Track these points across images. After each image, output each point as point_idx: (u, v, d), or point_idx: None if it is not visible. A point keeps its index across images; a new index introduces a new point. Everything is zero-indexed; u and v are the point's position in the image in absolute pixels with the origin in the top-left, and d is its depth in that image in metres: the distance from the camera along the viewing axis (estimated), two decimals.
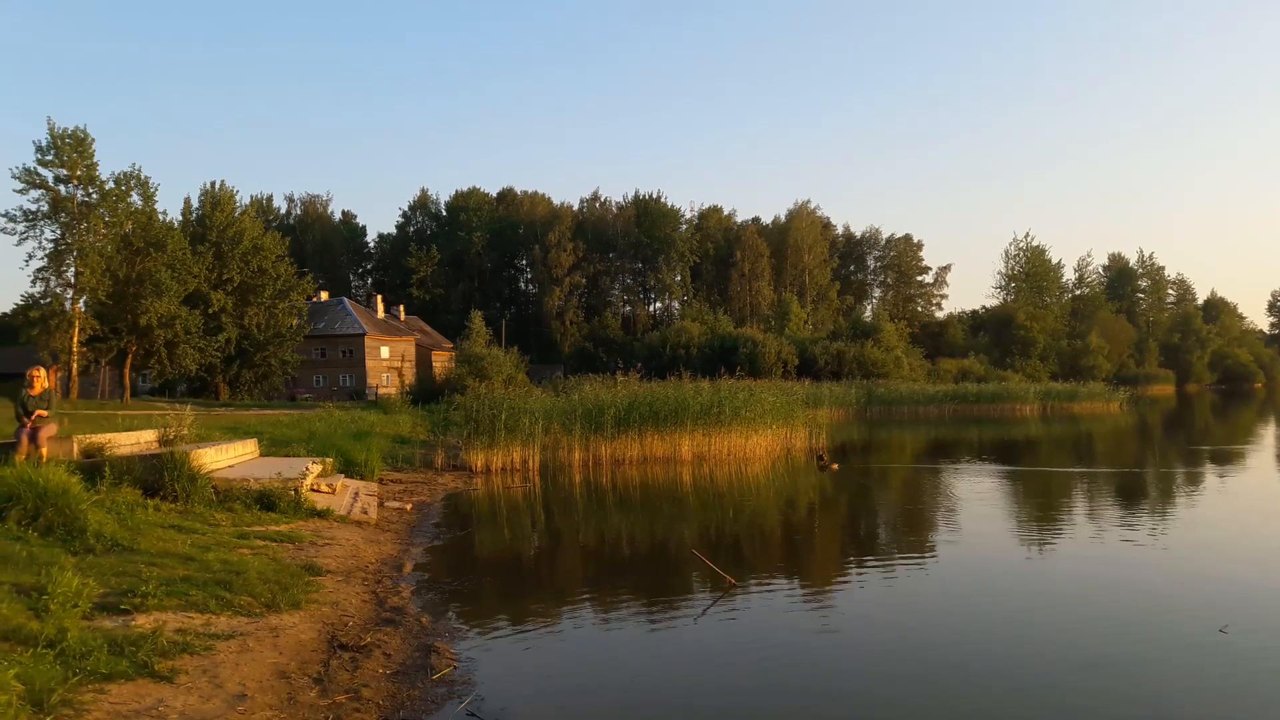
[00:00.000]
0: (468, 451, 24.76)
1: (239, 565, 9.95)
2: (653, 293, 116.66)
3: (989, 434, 42.92)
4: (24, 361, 65.42)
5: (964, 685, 7.52)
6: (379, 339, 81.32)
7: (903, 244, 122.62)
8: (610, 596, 11.10)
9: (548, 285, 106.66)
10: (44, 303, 51.54)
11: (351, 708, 6.57)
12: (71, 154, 50.64)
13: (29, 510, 10.37)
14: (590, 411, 25.81)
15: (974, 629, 9.24)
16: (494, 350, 57.23)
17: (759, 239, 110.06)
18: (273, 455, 19.33)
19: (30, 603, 7.51)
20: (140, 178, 54.64)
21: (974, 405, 62.48)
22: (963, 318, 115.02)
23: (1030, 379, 77.91)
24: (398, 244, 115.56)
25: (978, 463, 28.93)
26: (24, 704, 5.54)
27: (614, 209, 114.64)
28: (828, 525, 17.10)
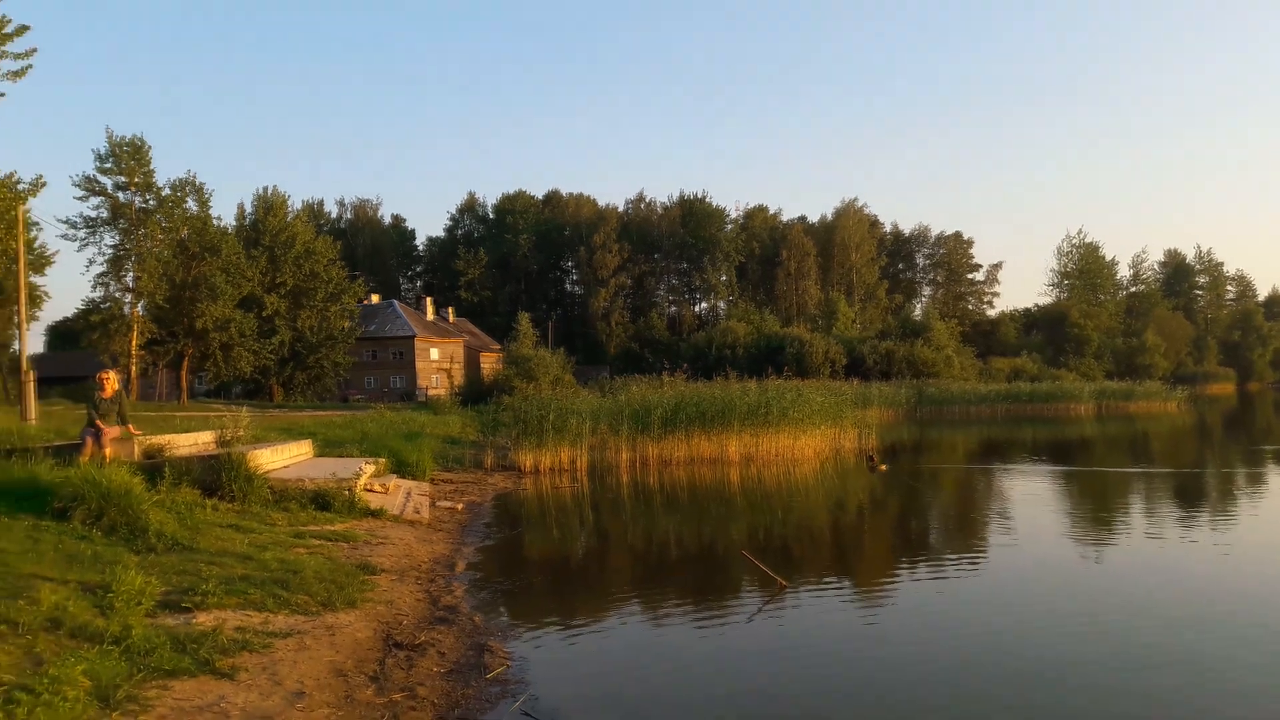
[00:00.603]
0: (516, 452, 24.93)
1: (296, 564, 10.12)
2: (698, 293, 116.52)
3: (1043, 434, 42.22)
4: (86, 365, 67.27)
5: (1016, 692, 7.40)
6: (429, 341, 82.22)
7: (952, 241, 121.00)
8: (660, 597, 11.10)
9: (593, 286, 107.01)
10: (104, 307, 52.91)
11: (407, 706, 6.64)
12: (129, 161, 51.93)
13: (93, 510, 10.64)
14: (637, 412, 25.84)
15: (1027, 634, 9.07)
16: (541, 351, 57.52)
17: (805, 238, 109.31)
18: (327, 456, 19.63)
19: (96, 600, 7.71)
20: (195, 184, 55.88)
21: (1027, 405, 61.45)
22: (1015, 316, 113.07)
23: (1085, 378, 76.47)
24: (446, 247, 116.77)
25: (1031, 463, 28.47)
26: (91, 699, 5.69)
27: (659, 209, 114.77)
28: (878, 527, 16.94)
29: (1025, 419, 54.32)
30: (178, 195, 54.54)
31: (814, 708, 7.10)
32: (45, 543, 9.66)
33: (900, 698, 7.30)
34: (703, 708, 7.14)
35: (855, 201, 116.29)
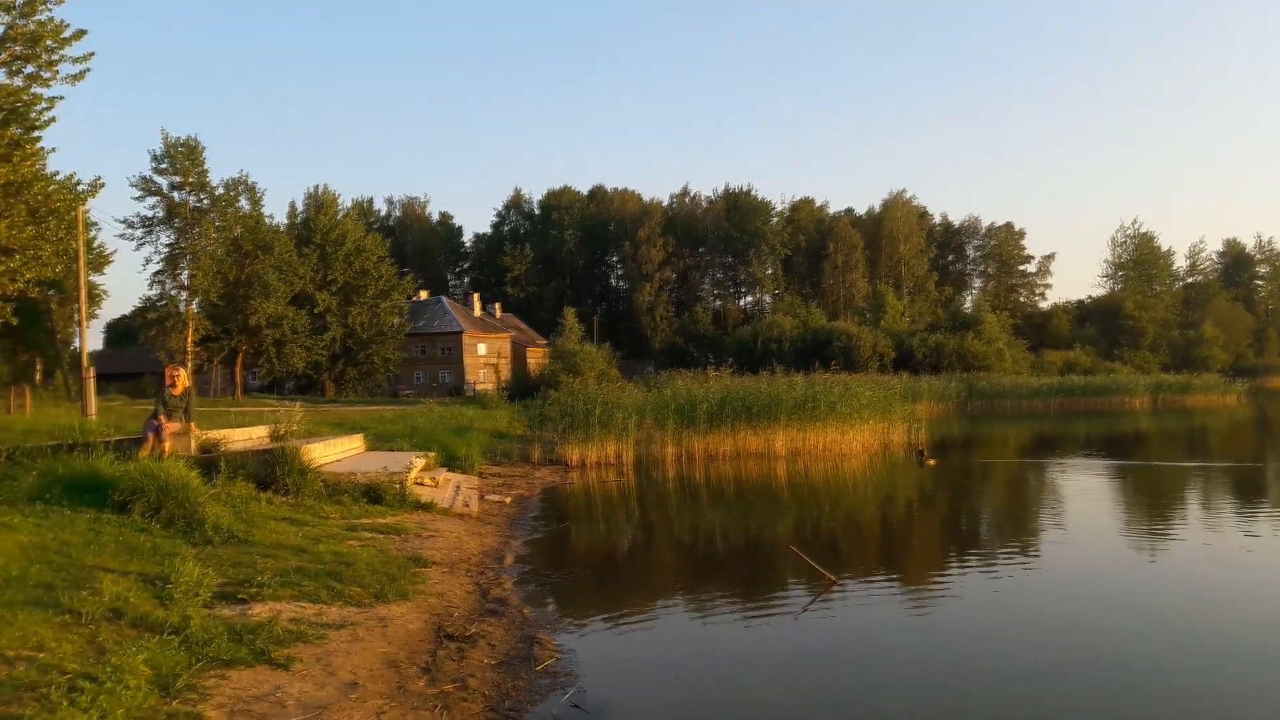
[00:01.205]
0: (563, 446, 25.06)
1: (348, 557, 10.27)
2: (743, 287, 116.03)
3: (1097, 428, 41.45)
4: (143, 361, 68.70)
5: (1066, 690, 7.25)
6: (476, 336, 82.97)
7: (1004, 232, 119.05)
8: (707, 591, 11.09)
9: (638, 281, 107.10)
10: (160, 305, 54.19)
11: (459, 697, 6.70)
12: (184, 162, 53.10)
13: (152, 503, 10.89)
14: (682, 406, 25.83)
15: (1079, 632, 8.88)
16: (586, 346, 57.74)
17: (852, 230, 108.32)
18: (378, 450, 19.91)
19: (155, 591, 7.89)
20: (248, 183, 57.04)
21: (1080, 398, 60.38)
22: (1068, 308, 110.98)
23: (1140, 371, 74.93)
24: (493, 243, 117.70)
25: (1085, 457, 27.96)
26: (152, 688, 5.82)
27: (704, 203, 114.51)
28: (928, 522, 16.75)
29: (1079, 413, 53.39)
30: (231, 195, 55.69)
31: (863, 704, 7.04)
32: (106, 535, 9.91)
33: (949, 695, 7.20)
34: (752, 703, 7.11)
35: (904, 193, 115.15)
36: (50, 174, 32.46)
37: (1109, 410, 55.53)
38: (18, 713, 5.03)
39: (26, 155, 29.53)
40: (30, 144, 30.01)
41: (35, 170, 30.45)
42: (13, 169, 28.73)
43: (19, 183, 29.27)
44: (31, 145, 30.09)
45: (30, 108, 30.22)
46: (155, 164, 53.13)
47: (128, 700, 5.45)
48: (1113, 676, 7.50)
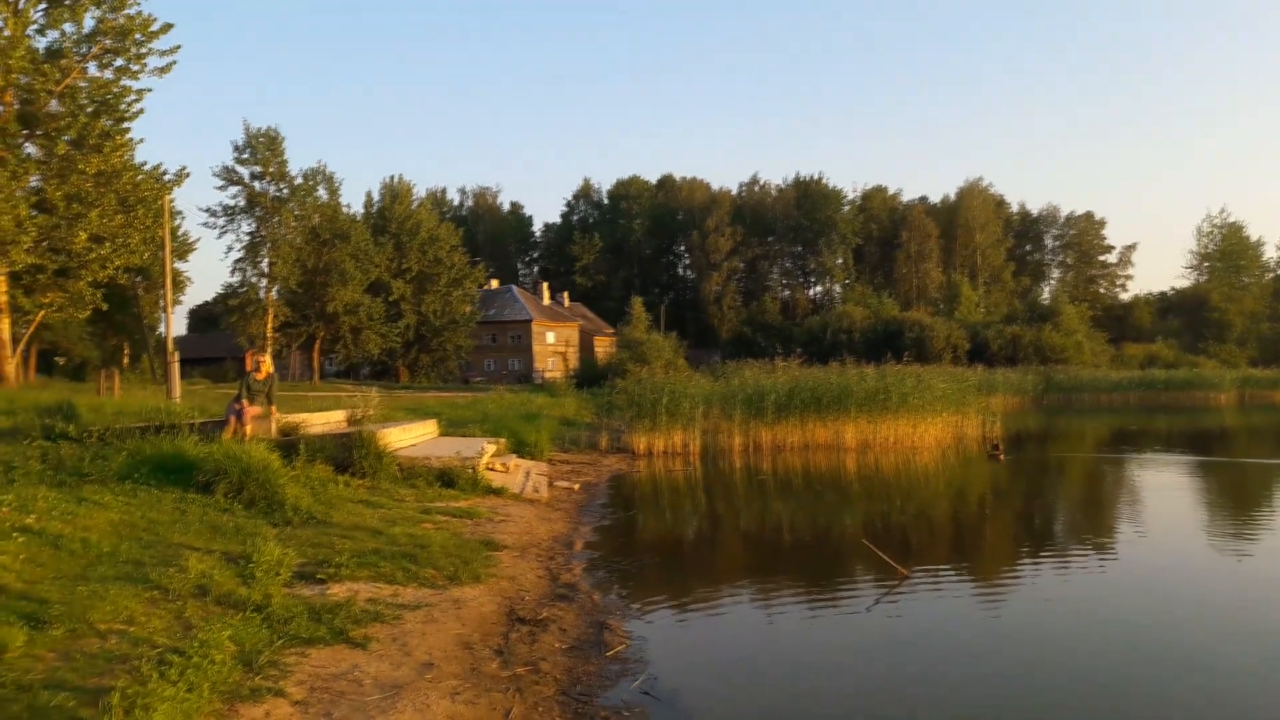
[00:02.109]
0: (630, 434, 25.14)
1: (423, 539, 10.45)
2: (813, 276, 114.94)
3: (1179, 423, 40.10)
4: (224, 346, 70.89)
5: (1140, 693, 7.04)
6: (545, 325, 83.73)
7: (1084, 222, 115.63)
8: (775, 582, 11.02)
9: (706, 270, 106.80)
10: (241, 291, 55.78)
11: (531, 680, 6.78)
12: (264, 152, 54.49)
13: (234, 484, 11.24)
14: (750, 397, 25.66)
15: (1155, 634, 8.59)
16: (653, 335, 57.85)
17: (927, 218, 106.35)
18: (451, 435, 20.22)
19: (238, 570, 8.14)
20: (326, 173, 58.37)
21: (1162, 393, 58.47)
22: (1150, 300, 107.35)
23: (1226, 365, 72.18)
24: (562, 232, 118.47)
25: (1166, 453, 27.08)
26: (236, 663, 6.00)
27: (773, 192, 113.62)
28: (1002, 518, 16.38)
29: (1160, 408, 51.74)
30: (309, 184, 57.03)
31: (934, 699, 6.92)
32: (191, 514, 10.25)
33: (1021, 694, 7.04)
34: (822, 695, 7.05)
35: (980, 181, 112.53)
36: (138, 164, 33.64)
37: (1192, 405, 53.68)
38: (110, 684, 5.23)
39: (116, 146, 30.65)
40: (120, 135, 31.13)
41: (124, 161, 31.59)
42: (104, 159, 29.84)
43: (109, 173, 30.40)
44: (121, 136, 31.22)
45: (120, 100, 31.34)
46: (237, 154, 54.69)
47: (213, 675, 5.63)
48: (1192, 682, 7.26)
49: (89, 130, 29.17)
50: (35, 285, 31.13)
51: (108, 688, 5.13)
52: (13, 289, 30.50)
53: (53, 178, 29.60)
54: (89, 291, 32.07)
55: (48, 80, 28.82)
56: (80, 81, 30.77)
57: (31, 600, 6.59)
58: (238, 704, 5.50)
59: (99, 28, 30.54)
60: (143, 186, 32.71)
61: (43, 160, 29.76)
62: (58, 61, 29.70)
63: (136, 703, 4.90)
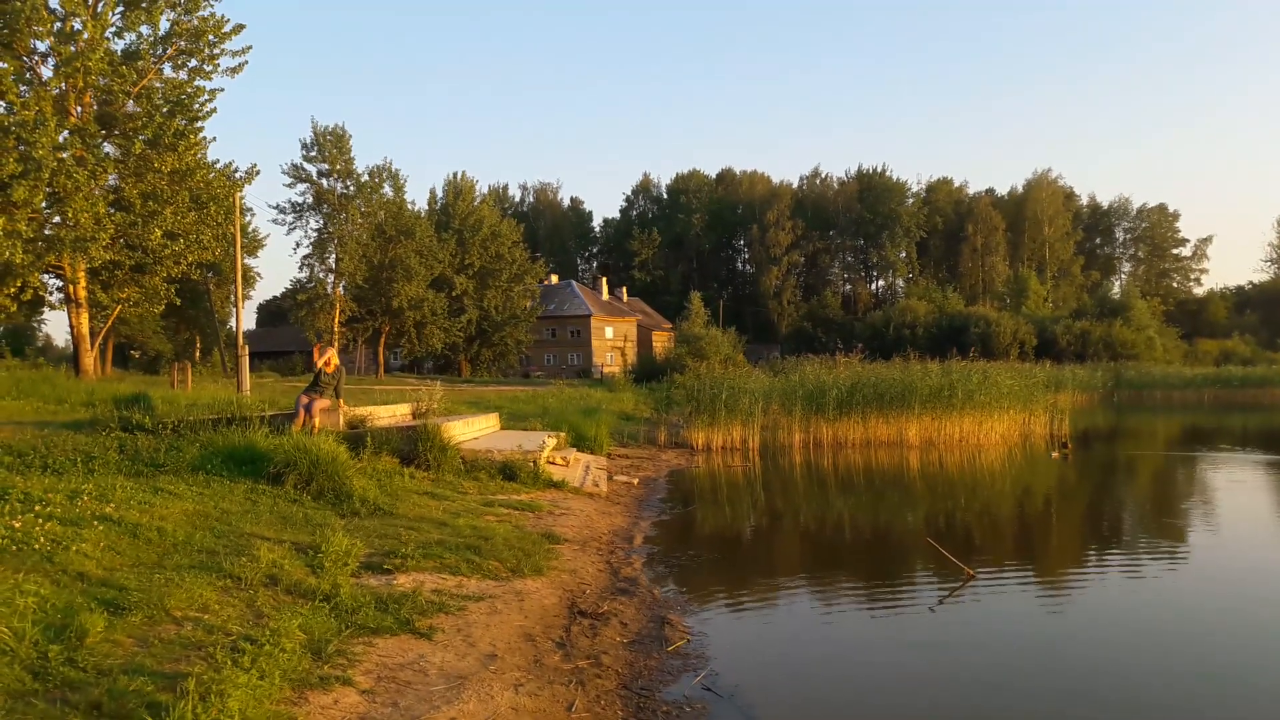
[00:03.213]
0: (689, 429, 25.09)
1: (486, 531, 10.57)
2: (875, 270, 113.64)
3: (1255, 421, 38.75)
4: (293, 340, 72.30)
5: (1212, 694, 6.82)
6: (604, 320, 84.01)
7: (1156, 214, 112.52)
8: (837, 581, 10.92)
9: (765, 265, 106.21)
10: (309, 287, 56.90)
11: (593, 673, 6.81)
12: (332, 150, 55.47)
13: (303, 475, 11.47)
14: (810, 393, 25.41)
15: (1226, 640, 8.29)
16: (712, 330, 57.74)
17: (993, 211, 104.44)
18: (512, 429, 20.40)
19: (307, 560, 8.30)
20: (391, 170, 59.19)
21: (1238, 390, 56.54)
22: (1226, 294, 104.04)
23: None
24: (621, 228, 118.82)
25: (1240, 452, 26.19)
26: (305, 651, 6.12)
27: (835, 185, 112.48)
28: (1070, 517, 16.00)
29: (1235, 406, 50.07)
30: (375, 181, 57.93)
31: (999, 702, 6.79)
32: (262, 504, 10.49)
33: (1089, 698, 6.86)
34: (884, 694, 6.96)
35: (1049, 172, 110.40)
36: (210, 163, 34.48)
37: (1270, 403, 51.81)
38: (187, 670, 5.37)
39: (190, 145, 31.44)
40: (193, 134, 31.93)
41: (198, 159, 32.40)
42: (178, 158, 30.65)
43: (183, 171, 31.21)
44: (194, 135, 32.02)
45: (194, 100, 32.16)
46: (305, 152, 55.79)
47: (284, 662, 5.75)
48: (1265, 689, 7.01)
49: (164, 130, 29.98)
50: (112, 281, 32.11)
51: (184, 674, 5.26)
52: (91, 284, 31.51)
53: (129, 176, 30.50)
54: (163, 287, 32.99)
55: (125, 81, 29.68)
56: (156, 82, 31.66)
57: (111, 587, 6.80)
58: (307, 692, 5.61)
59: (174, 30, 31.37)
60: (215, 184, 33.53)
61: (120, 159, 30.68)
62: (134, 63, 30.58)
63: (211, 689, 5.03)
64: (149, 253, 31.19)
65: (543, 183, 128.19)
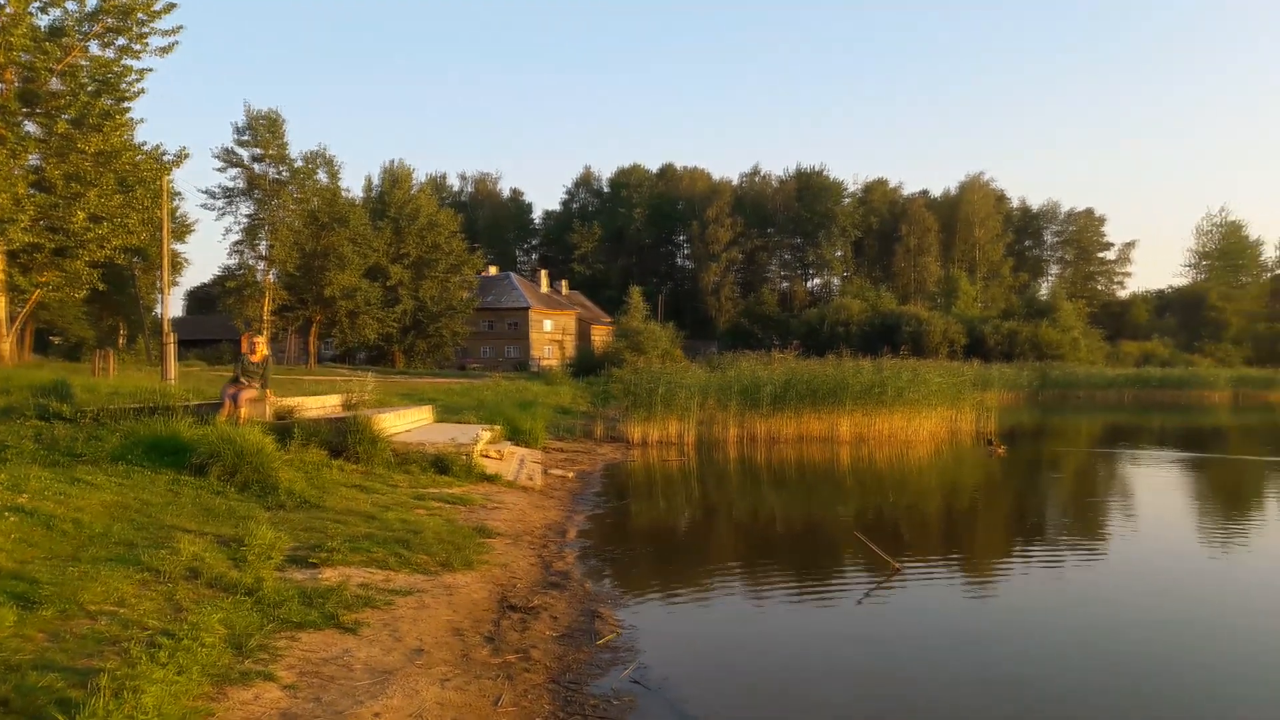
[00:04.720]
0: (626, 423, 25.14)
1: (416, 525, 10.46)
2: (811, 268, 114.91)
3: (1172, 421, 40.24)
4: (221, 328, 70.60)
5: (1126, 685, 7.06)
6: (542, 313, 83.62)
7: (1084, 218, 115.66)
8: (767, 574, 11.05)
9: (705, 261, 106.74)
10: (239, 274, 55.58)
11: (521, 668, 6.79)
12: (265, 134, 54.17)
13: (228, 467, 11.24)
14: (746, 388, 25.67)
15: (1143, 631, 8.61)
16: (651, 325, 57.79)
17: (927, 212, 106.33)
18: (446, 421, 20.22)
19: (230, 553, 8.13)
20: (326, 157, 58.05)
21: (1157, 391, 58.71)
22: (1148, 297, 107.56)
23: (1221, 364, 72.43)
24: (562, 220, 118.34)
25: (1159, 450, 27.16)
26: (226, 646, 6.00)
27: (774, 183, 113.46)
28: (995, 512, 16.42)
29: (1155, 405, 51.88)
30: (309, 167, 56.77)
31: (924, 693, 6.94)
32: (184, 496, 10.25)
33: (1010, 688, 7.07)
34: (812, 687, 7.06)
35: (981, 175, 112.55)
36: (138, 145, 33.49)
37: (1187, 404, 53.81)
38: (100, 665, 5.23)
39: (117, 126, 30.50)
40: (120, 115, 30.98)
41: (124, 141, 31.45)
42: (104, 139, 29.71)
43: (109, 152, 30.26)
44: (122, 116, 31.07)
45: (121, 79, 31.18)
46: (237, 135, 54.37)
47: (204, 658, 5.63)
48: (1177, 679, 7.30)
49: (89, 109, 29.03)
50: (32, 264, 31.02)
51: (97, 669, 5.12)
52: (10, 268, 30.39)
53: (52, 156, 29.46)
54: (86, 271, 31.97)
55: (49, 58, 28.66)
56: (82, 60, 30.60)
57: (23, 580, 6.59)
58: (227, 687, 5.51)
59: (102, 6, 30.35)
60: (142, 167, 32.58)
61: (42, 139, 29.63)
62: (59, 39, 29.53)
63: (126, 685, 4.90)
64: (71, 236, 30.19)
65: (482, 173, 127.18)
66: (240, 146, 54.42)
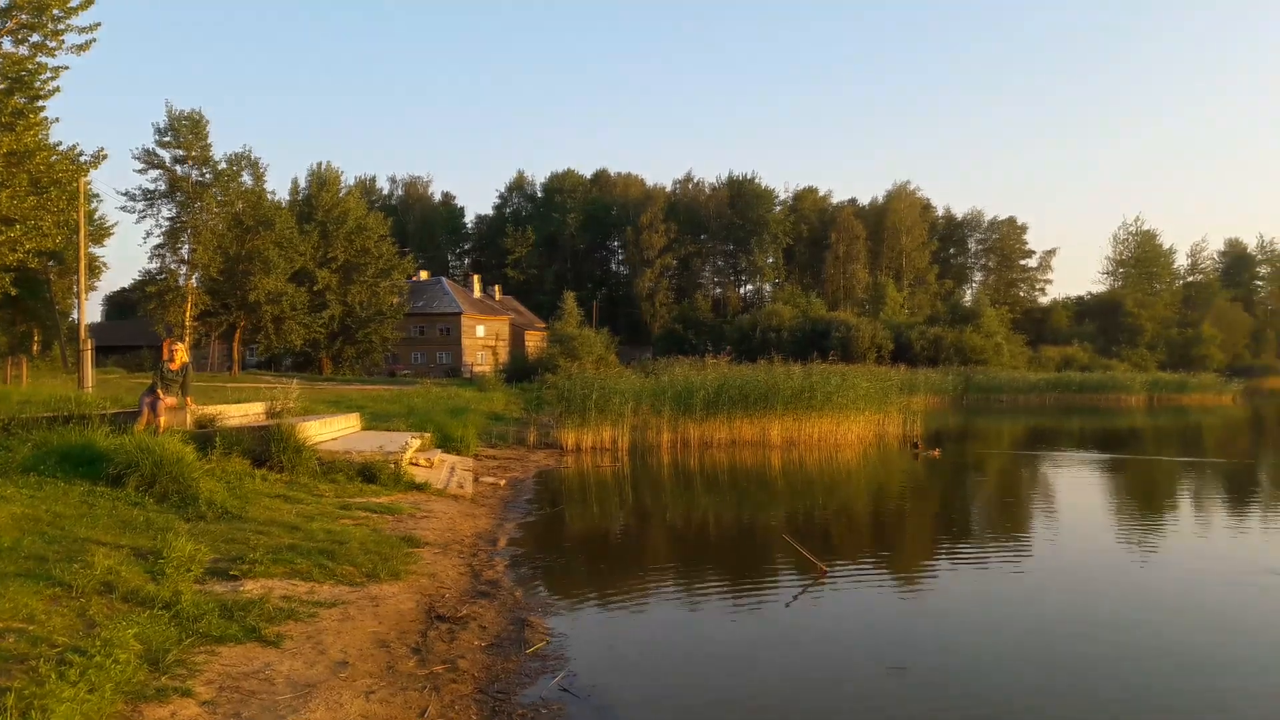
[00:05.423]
0: (559, 430, 25.05)
1: (342, 535, 10.29)
2: (744, 275, 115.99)
3: (1091, 424, 41.59)
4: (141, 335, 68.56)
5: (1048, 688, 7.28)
6: (475, 318, 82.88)
7: (1006, 227, 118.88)
8: (699, 578, 11.12)
9: (639, 267, 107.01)
10: (160, 278, 54.10)
11: (448, 679, 6.72)
12: (188, 135, 52.85)
13: (146, 477, 10.92)
14: (680, 393, 25.78)
15: (1065, 629, 8.89)
16: (585, 330, 57.71)
17: (855, 220, 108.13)
18: (374, 429, 19.91)
19: (148, 566, 7.91)
20: (251, 158, 56.78)
21: (1077, 394, 60.66)
22: (1067, 304, 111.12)
23: (1137, 368, 75.07)
24: (494, 225, 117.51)
25: (1078, 451, 28.06)
26: (141, 662, 5.83)
27: (707, 190, 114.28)
28: (921, 514, 16.78)
29: (1074, 409, 53.54)
30: (234, 169, 55.48)
31: (849, 692, 7.07)
32: (100, 508, 9.93)
33: (939, 684, 7.23)
34: (740, 691, 7.13)
35: (908, 184, 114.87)
36: (54, 144, 32.36)
37: (1104, 407, 55.63)
38: (6, 685, 5.04)
39: (30, 125, 29.43)
40: (34, 114, 29.91)
41: (38, 140, 30.35)
42: (16, 138, 28.64)
43: (22, 152, 29.17)
44: (35, 115, 29.99)
45: (35, 77, 30.10)
46: (159, 136, 52.92)
47: (117, 674, 5.46)
48: (1102, 672, 7.54)
49: (1, 107, 27.96)
50: None
51: (3, 689, 4.95)
52: None
53: None
54: None
55: None
56: None
57: None
58: (142, 705, 5.35)
59: (14, 1, 29.27)
60: (57, 168, 31.50)
61: None
62: None
63: (34, 704, 4.75)
64: None
65: (413, 176, 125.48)
66: (162, 148, 53.04)
